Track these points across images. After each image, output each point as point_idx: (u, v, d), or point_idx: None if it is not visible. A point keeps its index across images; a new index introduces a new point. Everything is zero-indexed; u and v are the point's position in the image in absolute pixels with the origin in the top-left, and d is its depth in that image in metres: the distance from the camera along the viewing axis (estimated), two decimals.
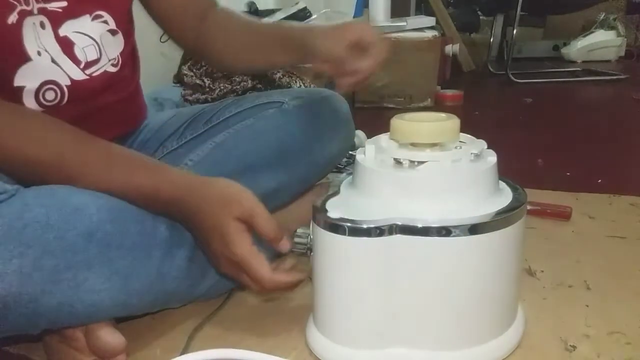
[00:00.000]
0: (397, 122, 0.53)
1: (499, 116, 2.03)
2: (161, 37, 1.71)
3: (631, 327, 0.59)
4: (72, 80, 0.65)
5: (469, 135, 0.57)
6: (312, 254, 0.54)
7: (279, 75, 1.43)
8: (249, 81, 1.42)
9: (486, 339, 0.53)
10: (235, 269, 0.55)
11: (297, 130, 0.73)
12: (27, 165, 0.53)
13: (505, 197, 0.53)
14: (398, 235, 0.48)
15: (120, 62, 0.71)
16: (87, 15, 0.65)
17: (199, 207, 0.55)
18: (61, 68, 0.64)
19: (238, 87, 1.41)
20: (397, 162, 0.52)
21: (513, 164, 1.30)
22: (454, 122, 0.52)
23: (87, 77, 0.67)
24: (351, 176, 0.57)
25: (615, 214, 0.92)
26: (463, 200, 0.50)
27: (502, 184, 0.56)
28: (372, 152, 0.54)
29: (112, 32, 0.69)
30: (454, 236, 0.47)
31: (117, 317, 0.57)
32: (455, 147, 0.53)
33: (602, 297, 0.66)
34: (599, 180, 1.12)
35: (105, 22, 0.68)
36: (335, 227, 0.49)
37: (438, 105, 2.15)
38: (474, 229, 0.48)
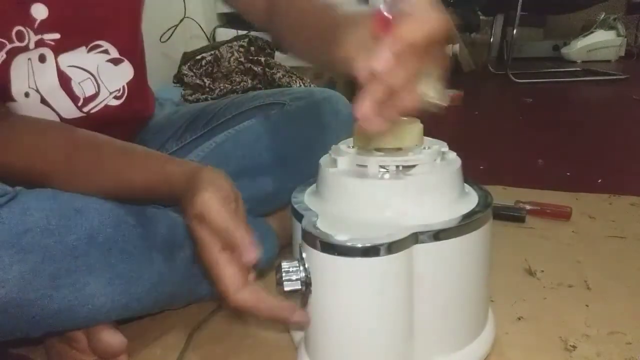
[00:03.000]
0: (363, 127, 0.50)
1: (499, 116, 2.03)
2: (161, 37, 1.71)
3: (631, 327, 0.60)
4: (62, 118, 0.63)
5: (425, 137, 0.54)
6: (310, 288, 0.47)
7: (279, 75, 1.44)
8: (249, 81, 1.43)
9: (475, 337, 0.53)
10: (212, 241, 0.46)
11: (298, 131, 0.73)
12: (37, 175, 0.53)
13: (471, 194, 0.53)
14: (419, 245, 0.45)
15: (125, 93, 0.67)
16: (83, 47, 0.62)
17: (191, 193, 0.48)
18: (51, 107, 0.62)
19: (238, 87, 1.41)
20: (383, 169, 0.49)
21: (513, 164, 1.31)
22: (419, 125, 0.50)
23: (84, 114, 0.64)
24: (306, 193, 0.55)
25: (615, 214, 0.92)
26: (453, 198, 0.50)
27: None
28: (345, 163, 0.51)
29: (115, 62, 0.65)
30: (458, 237, 0.47)
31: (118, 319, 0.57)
32: (424, 148, 0.51)
33: (602, 297, 0.66)
34: (599, 180, 1.12)
35: (106, 51, 0.64)
36: (349, 250, 0.43)
37: None
38: (469, 227, 0.48)
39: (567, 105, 2.20)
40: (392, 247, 0.44)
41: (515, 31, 2.64)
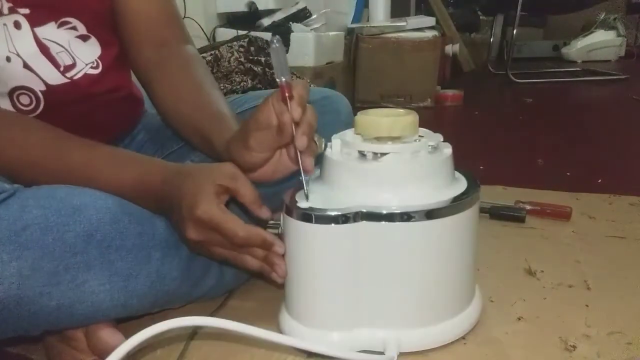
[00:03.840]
0: (361, 117, 0.56)
1: (499, 116, 2.04)
2: None
3: (631, 327, 0.59)
4: (47, 85, 0.64)
5: (427, 130, 0.60)
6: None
7: None
8: (249, 81, 1.43)
9: (448, 316, 0.57)
10: (205, 230, 0.52)
11: None
12: (12, 169, 0.54)
13: (460, 185, 0.57)
14: (363, 221, 0.51)
15: (100, 65, 0.68)
16: (53, 23, 0.63)
17: (182, 184, 0.53)
18: (35, 73, 0.62)
19: (238, 87, 1.41)
20: (362, 154, 0.55)
21: (513, 164, 1.31)
22: (413, 117, 0.56)
23: (69, 80, 0.65)
24: (318, 171, 0.60)
25: (615, 214, 0.92)
26: (422, 188, 0.54)
27: (459, 175, 0.60)
28: (338, 146, 0.57)
29: (83, 38, 0.66)
30: (413, 221, 0.51)
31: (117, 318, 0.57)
32: (415, 140, 0.56)
33: (602, 297, 0.66)
34: (599, 180, 1.12)
35: (74, 27, 0.65)
36: (305, 215, 0.52)
37: (438, 105, 2.15)
38: (431, 214, 0.52)
39: (567, 105, 2.20)
40: (340, 219, 0.51)
41: (515, 31, 2.65)
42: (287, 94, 0.51)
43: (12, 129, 0.55)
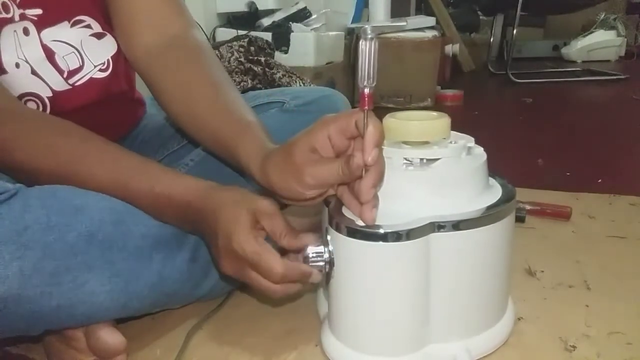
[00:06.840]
0: (391, 121, 0.53)
1: (499, 116, 2.03)
2: None
3: (631, 327, 0.59)
4: (53, 91, 0.64)
5: (453, 132, 0.57)
6: (333, 268, 0.51)
7: (279, 75, 1.43)
8: (249, 81, 1.42)
9: (503, 315, 0.57)
10: (241, 265, 0.50)
11: (299, 130, 0.73)
12: (35, 174, 0.53)
13: (493, 182, 0.56)
14: (435, 233, 0.48)
15: (110, 66, 0.67)
16: (66, 22, 0.63)
17: (213, 209, 0.51)
18: (42, 79, 0.62)
19: (238, 87, 1.41)
20: (408, 161, 0.52)
21: (513, 164, 1.31)
22: (446, 120, 0.53)
23: (70, 86, 0.65)
24: None
25: (615, 214, 0.92)
26: (476, 192, 0.52)
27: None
28: None
29: (98, 36, 0.66)
30: (484, 226, 0.49)
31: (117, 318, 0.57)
32: (451, 142, 0.54)
33: (602, 297, 0.66)
34: (599, 180, 1.12)
35: (88, 26, 0.65)
36: (372, 235, 0.47)
37: (438, 105, 2.15)
38: (499, 215, 0.50)
39: (567, 105, 2.20)
40: (411, 234, 0.47)
41: (515, 31, 2.65)
42: (368, 103, 0.45)
43: (51, 136, 0.54)
